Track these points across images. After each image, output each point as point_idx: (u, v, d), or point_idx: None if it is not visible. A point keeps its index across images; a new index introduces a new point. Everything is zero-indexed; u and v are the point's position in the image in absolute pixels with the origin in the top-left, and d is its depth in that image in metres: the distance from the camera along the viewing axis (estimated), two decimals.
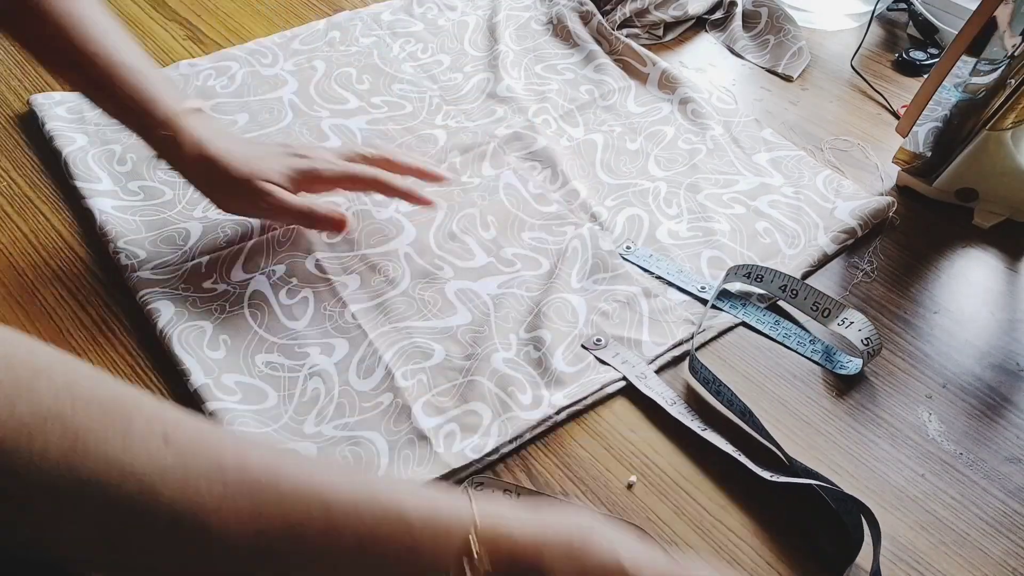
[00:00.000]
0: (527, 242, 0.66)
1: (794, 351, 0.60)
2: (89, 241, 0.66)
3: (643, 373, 0.58)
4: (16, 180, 0.71)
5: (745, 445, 0.54)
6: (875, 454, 0.54)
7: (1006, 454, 0.55)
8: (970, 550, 0.50)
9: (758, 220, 0.69)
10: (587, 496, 0.52)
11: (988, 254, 0.68)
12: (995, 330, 0.62)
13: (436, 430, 0.54)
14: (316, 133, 0.76)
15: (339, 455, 0.52)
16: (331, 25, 0.88)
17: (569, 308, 0.61)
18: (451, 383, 0.57)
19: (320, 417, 0.54)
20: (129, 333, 0.60)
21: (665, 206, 0.70)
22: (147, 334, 0.59)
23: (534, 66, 0.85)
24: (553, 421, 0.55)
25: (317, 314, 0.61)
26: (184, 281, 0.62)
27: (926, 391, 0.58)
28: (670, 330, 0.61)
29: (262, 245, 0.65)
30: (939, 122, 0.69)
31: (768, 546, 0.50)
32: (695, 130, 0.78)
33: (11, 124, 0.76)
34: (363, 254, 0.65)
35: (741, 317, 0.62)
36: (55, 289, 0.62)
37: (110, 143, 0.73)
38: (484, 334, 0.59)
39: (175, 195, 0.69)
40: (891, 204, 0.70)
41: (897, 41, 0.91)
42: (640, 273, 0.65)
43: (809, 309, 0.61)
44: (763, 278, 0.62)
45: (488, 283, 0.63)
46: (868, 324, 0.58)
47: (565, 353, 0.58)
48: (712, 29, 0.92)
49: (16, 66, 0.82)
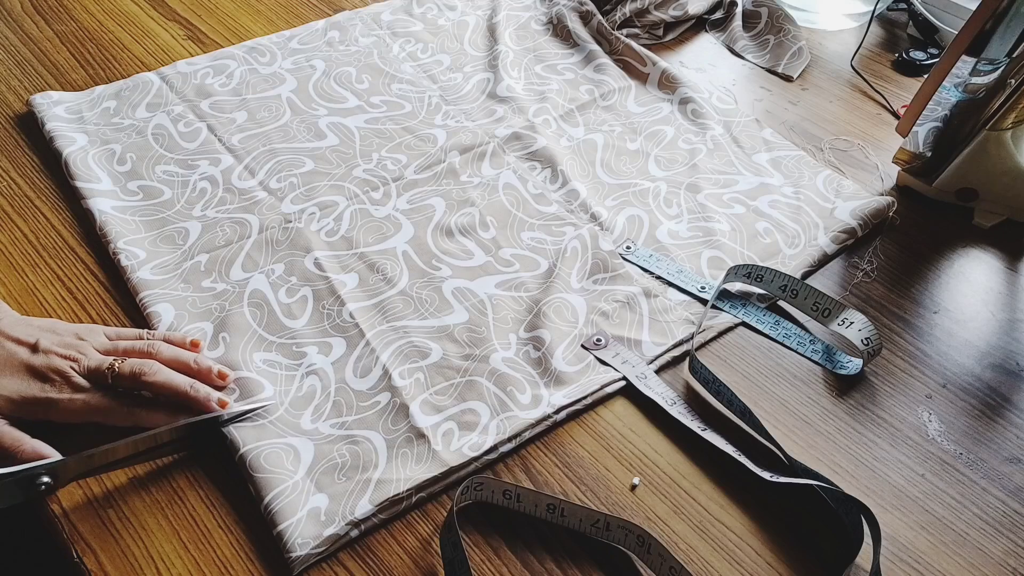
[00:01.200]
0: (526, 242, 0.66)
1: (794, 351, 0.60)
2: (89, 241, 0.66)
3: (643, 373, 0.57)
4: (16, 180, 0.71)
5: (745, 445, 0.54)
6: (875, 454, 0.54)
7: (1006, 454, 0.55)
8: (970, 550, 0.50)
9: (758, 220, 0.69)
10: (587, 496, 0.52)
11: (988, 254, 0.68)
12: (995, 330, 0.62)
13: (434, 428, 0.54)
14: (314, 131, 0.75)
15: (336, 453, 0.52)
16: (330, 25, 0.88)
17: (569, 308, 0.61)
18: (449, 382, 0.56)
19: (317, 414, 0.54)
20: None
21: (665, 206, 0.70)
22: None
23: (534, 66, 0.85)
24: (552, 420, 0.55)
25: (315, 313, 0.60)
26: (184, 281, 0.62)
27: (926, 391, 0.58)
28: (670, 330, 0.61)
29: (261, 244, 0.65)
30: (939, 122, 0.69)
31: (768, 546, 0.50)
32: (695, 130, 0.78)
33: (11, 124, 0.76)
34: (361, 252, 0.65)
35: (741, 317, 0.62)
36: (55, 289, 0.62)
37: (110, 143, 0.73)
38: (482, 335, 0.59)
39: (174, 194, 0.69)
40: (891, 204, 0.70)
41: (897, 41, 0.91)
42: (640, 273, 0.65)
43: (809, 309, 0.61)
44: (763, 278, 0.62)
45: (485, 282, 0.63)
46: (868, 324, 0.58)
47: (565, 353, 0.58)
48: (712, 29, 0.92)
49: (16, 66, 0.82)
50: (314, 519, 0.49)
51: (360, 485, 0.51)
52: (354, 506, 0.49)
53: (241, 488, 0.51)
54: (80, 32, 0.87)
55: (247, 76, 0.81)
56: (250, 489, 0.51)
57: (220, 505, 0.50)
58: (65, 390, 0.51)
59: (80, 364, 0.52)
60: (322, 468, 0.51)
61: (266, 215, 0.67)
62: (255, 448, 0.52)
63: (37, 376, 0.51)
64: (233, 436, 0.52)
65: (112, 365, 0.52)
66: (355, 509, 0.49)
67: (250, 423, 0.53)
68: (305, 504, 0.49)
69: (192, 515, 0.50)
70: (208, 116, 0.77)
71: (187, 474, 0.52)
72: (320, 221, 0.67)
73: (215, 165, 0.72)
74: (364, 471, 0.51)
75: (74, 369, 0.52)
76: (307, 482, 0.51)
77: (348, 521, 0.49)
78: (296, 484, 0.50)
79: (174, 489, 0.51)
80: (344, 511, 0.49)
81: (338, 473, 0.51)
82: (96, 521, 0.49)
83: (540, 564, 0.48)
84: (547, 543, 0.49)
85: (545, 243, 0.66)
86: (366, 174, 0.72)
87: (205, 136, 0.74)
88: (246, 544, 0.49)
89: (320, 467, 0.51)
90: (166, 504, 0.50)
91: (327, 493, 0.50)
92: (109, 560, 0.48)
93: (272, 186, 0.70)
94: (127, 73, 0.82)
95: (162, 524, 0.49)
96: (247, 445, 0.52)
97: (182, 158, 0.72)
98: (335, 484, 0.51)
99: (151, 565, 0.48)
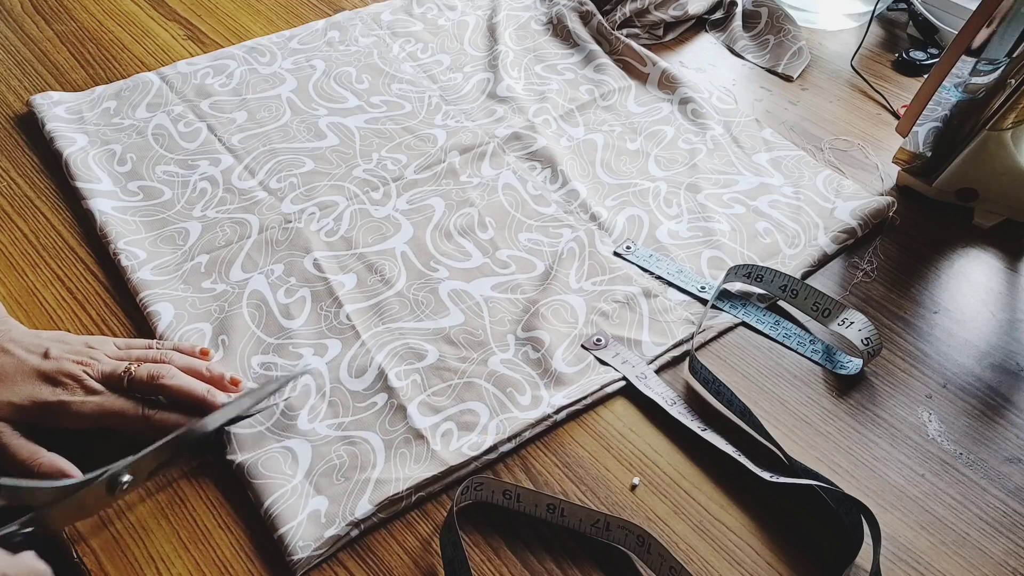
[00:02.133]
0: (523, 244, 0.66)
1: (794, 351, 0.60)
2: (89, 241, 0.66)
3: (643, 373, 0.57)
4: (16, 180, 0.71)
5: (745, 445, 0.54)
6: (875, 454, 0.54)
7: (1006, 454, 0.55)
8: (970, 550, 0.50)
9: (758, 220, 0.69)
10: (587, 496, 0.52)
11: (988, 254, 0.68)
12: (995, 330, 0.62)
13: (433, 429, 0.54)
14: (314, 131, 0.75)
15: (334, 454, 0.52)
16: (330, 25, 0.88)
17: (568, 309, 0.61)
18: (446, 383, 0.56)
19: (313, 414, 0.54)
20: (129, 333, 0.60)
21: (665, 206, 0.70)
22: (147, 335, 0.59)
23: (534, 66, 0.85)
24: (552, 420, 0.55)
25: (313, 314, 0.60)
26: (184, 282, 0.62)
27: (926, 391, 0.58)
28: (670, 330, 0.61)
29: (261, 244, 0.65)
30: (939, 122, 0.69)
31: (768, 546, 0.50)
32: (695, 130, 0.78)
33: (11, 124, 0.76)
34: (360, 252, 0.65)
35: (741, 317, 0.62)
36: (55, 289, 0.62)
37: (110, 143, 0.73)
38: (480, 338, 0.59)
39: (174, 195, 0.69)
40: (891, 204, 0.70)
41: (897, 41, 0.91)
42: (639, 273, 0.65)
43: (809, 309, 0.61)
44: (763, 278, 0.62)
45: (481, 284, 0.63)
46: (868, 324, 0.58)
47: (565, 354, 0.58)
48: (712, 29, 0.92)
49: (16, 66, 0.82)
50: (315, 521, 0.49)
51: (359, 485, 0.51)
52: (354, 506, 0.49)
53: (241, 488, 0.51)
54: (80, 32, 0.87)
55: (247, 76, 0.81)
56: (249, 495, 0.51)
57: (220, 505, 0.50)
58: (78, 392, 0.50)
59: (93, 368, 0.52)
60: (321, 470, 0.51)
61: (266, 215, 0.67)
62: (252, 456, 0.51)
63: (49, 381, 0.50)
64: (232, 445, 0.52)
65: (128, 369, 0.52)
66: (355, 509, 0.49)
67: (247, 429, 0.53)
68: (305, 507, 0.49)
69: (192, 515, 0.50)
70: (208, 116, 0.77)
71: (187, 474, 0.52)
72: (320, 221, 0.67)
73: (215, 165, 0.72)
74: (363, 471, 0.51)
75: (87, 373, 0.51)
76: (306, 485, 0.51)
77: (348, 521, 0.49)
78: (295, 487, 0.50)
79: (174, 489, 0.51)
80: (344, 512, 0.49)
81: (336, 474, 0.51)
82: (96, 521, 0.49)
83: (540, 564, 0.48)
84: (547, 543, 0.49)
85: (542, 244, 0.66)
86: (366, 174, 0.72)
87: (205, 136, 0.74)
88: (246, 544, 0.49)
89: (319, 468, 0.51)
90: (166, 504, 0.50)
91: (326, 495, 0.50)
92: (109, 560, 0.48)
93: (272, 186, 0.70)
94: (127, 73, 0.82)
95: (162, 524, 0.49)
96: (244, 453, 0.52)
97: (182, 158, 0.72)
98: (334, 485, 0.51)
99: (151, 565, 0.48)
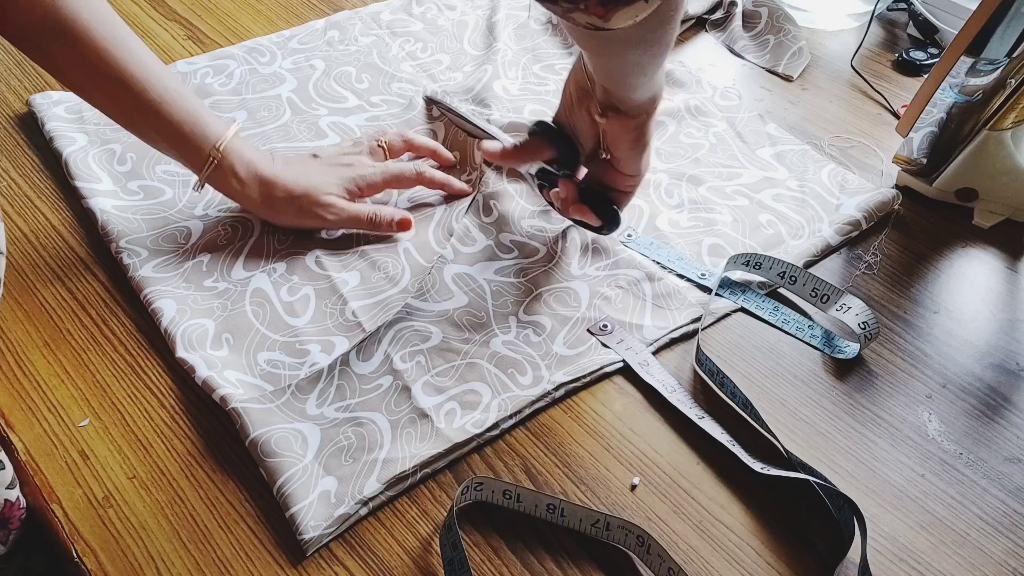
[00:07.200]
0: (525, 230, 0.67)
1: (793, 336, 0.60)
2: (89, 241, 0.66)
3: (645, 360, 0.58)
4: (16, 180, 0.71)
5: (745, 437, 0.54)
6: (875, 454, 0.54)
7: (1006, 454, 0.55)
8: (970, 550, 0.50)
9: (761, 212, 0.69)
10: (587, 496, 0.52)
11: (988, 254, 0.68)
12: (995, 330, 0.62)
13: (437, 408, 0.55)
14: (314, 131, 0.75)
15: (342, 436, 0.53)
16: (330, 24, 0.88)
17: (571, 294, 0.62)
18: (449, 364, 0.57)
19: (322, 399, 0.55)
20: (129, 333, 0.60)
21: (666, 196, 0.70)
22: (148, 335, 0.59)
23: (532, 66, 0.85)
24: (552, 398, 0.56)
25: (318, 311, 0.61)
26: (186, 280, 0.62)
27: (926, 391, 0.58)
28: (672, 315, 0.61)
29: (263, 243, 0.65)
30: (935, 127, 0.69)
31: (768, 546, 0.50)
32: (697, 125, 0.78)
33: (11, 124, 0.76)
34: (363, 250, 0.65)
35: (740, 303, 0.62)
36: (55, 289, 0.62)
37: (110, 143, 0.73)
38: (482, 320, 0.60)
39: (175, 194, 0.69)
40: (896, 196, 0.70)
41: (897, 41, 0.91)
42: (642, 259, 0.65)
43: (808, 295, 0.61)
44: (762, 265, 0.62)
45: (485, 268, 0.64)
46: (866, 309, 0.59)
47: (567, 337, 0.59)
48: (712, 29, 0.92)
49: (16, 66, 0.82)
50: (324, 501, 0.50)
51: (367, 465, 0.51)
52: (362, 486, 0.50)
53: (241, 488, 0.51)
54: None
55: (247, 76, 0.81)
56: (261, 474, 0.51)
57: (220, 505, 0.50)
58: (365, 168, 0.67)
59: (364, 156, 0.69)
60: (329, 451, 0.52)
61: None
62: (265, 432, 0.52)
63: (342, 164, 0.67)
64: (243, 421, 0.53)
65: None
66: (363, 488, 0.50)
67: (258, 404, 0.54)
68: (315, 487, 0.50)
69: (192, 515, 0.50)
70: None
71: (187, 474, 0.52)
72: None
73: None
74: (370, 452, 0.52)
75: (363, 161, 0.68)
76: (316, 466, 0.51)
77: (357, 500, 0.50)
78: (306, 468, 0.51)
79: (174, 489, 0.51)
80: (353, 491, 0.50)
81: (345, 455, 0.52)
82: (96, 521, 0.50)
83: (540, 564, 0.48)
84: (547, 543, 0.49)
85: (545, 231, 0.67)
86: None
87: None
88: (246, 544, 0.49)
89: (327, 450, 0.52)
90: (166, 504, 0.50)
91: (335, 476, 0.51)
92: (109, 560, 0.48)
93: None
94: None
95: (162, 524, 0.49)
96: (257, 429, 0.52)
97: None
98: (343, 466, 0.51)
99: (151, 565, 0.48)
